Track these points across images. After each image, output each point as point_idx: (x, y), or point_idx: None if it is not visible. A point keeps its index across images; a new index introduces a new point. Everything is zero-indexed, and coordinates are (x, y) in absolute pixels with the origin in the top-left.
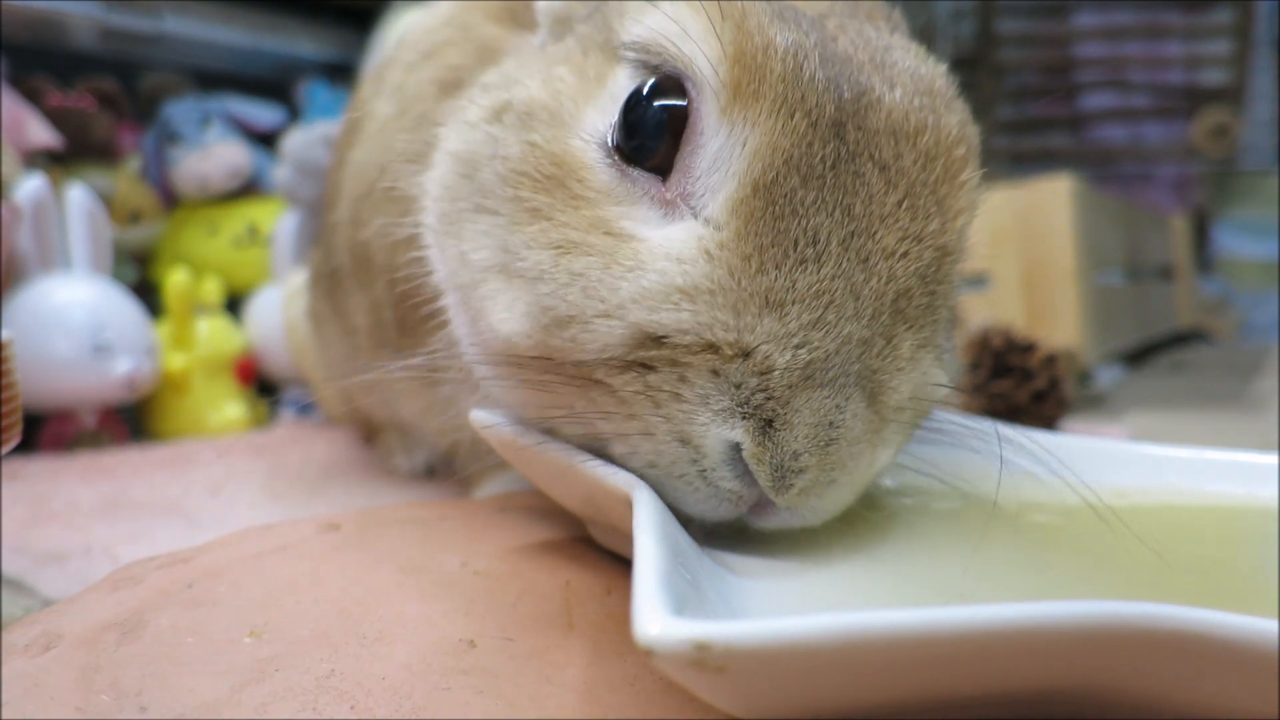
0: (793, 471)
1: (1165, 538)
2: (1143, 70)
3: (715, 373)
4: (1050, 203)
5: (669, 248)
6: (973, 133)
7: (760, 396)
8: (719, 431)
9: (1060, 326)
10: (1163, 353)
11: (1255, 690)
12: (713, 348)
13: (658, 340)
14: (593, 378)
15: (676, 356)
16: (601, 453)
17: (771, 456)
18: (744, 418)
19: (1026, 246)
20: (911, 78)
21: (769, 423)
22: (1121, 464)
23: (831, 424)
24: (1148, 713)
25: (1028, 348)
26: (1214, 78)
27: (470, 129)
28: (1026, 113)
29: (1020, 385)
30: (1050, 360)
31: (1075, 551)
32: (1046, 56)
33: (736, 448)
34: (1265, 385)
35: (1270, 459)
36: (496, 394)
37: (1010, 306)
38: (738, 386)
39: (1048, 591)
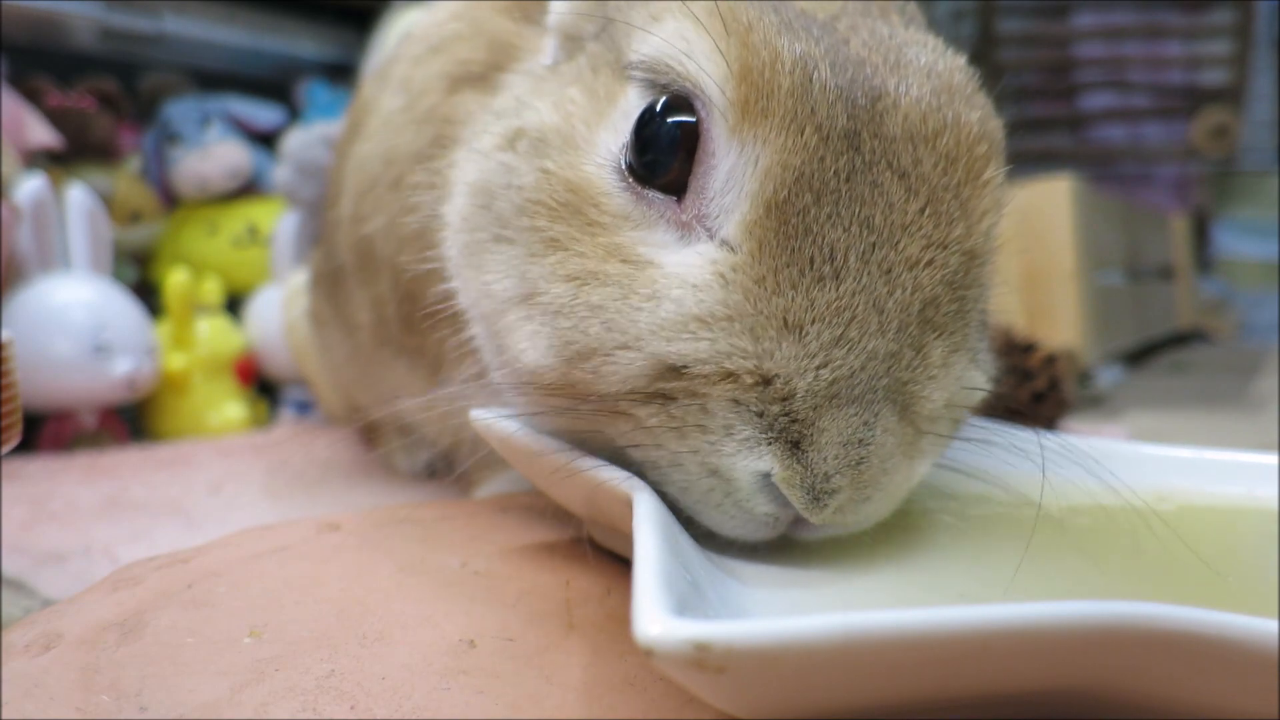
0: (826, 493)
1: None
2: (1143, 70)
3: (736, 401)
4: (1050, 203)
5: (684, 274)
6: (995, 127)
7: (784, 420)
8: (747, 463)
9: (1060, 326)
10: (1163, 353)
11: (1255, 690)
12: (731, 376)
13: (677, 371)
14: (617, 409)
15: (695, 387)
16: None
17: (802, 480)
18: (770, 443)
19: (1026, 246)
20: (928, 76)
21: (796, 444)
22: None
23: (861, 442)
24: (1148, 713)
25: (1028, 348)
26: (1214, 78)
27: (484, 158)
28: (1026, 113)
29: (1020, 385)
30: (1050, 360)
31: (1090, 556)
32: (1046, 56)
33: (767, 475)
34: (1265, 385)
35: (1270, 459)
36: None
37: (1010, 307)
38: (760, 415)
39: (1056, 597)
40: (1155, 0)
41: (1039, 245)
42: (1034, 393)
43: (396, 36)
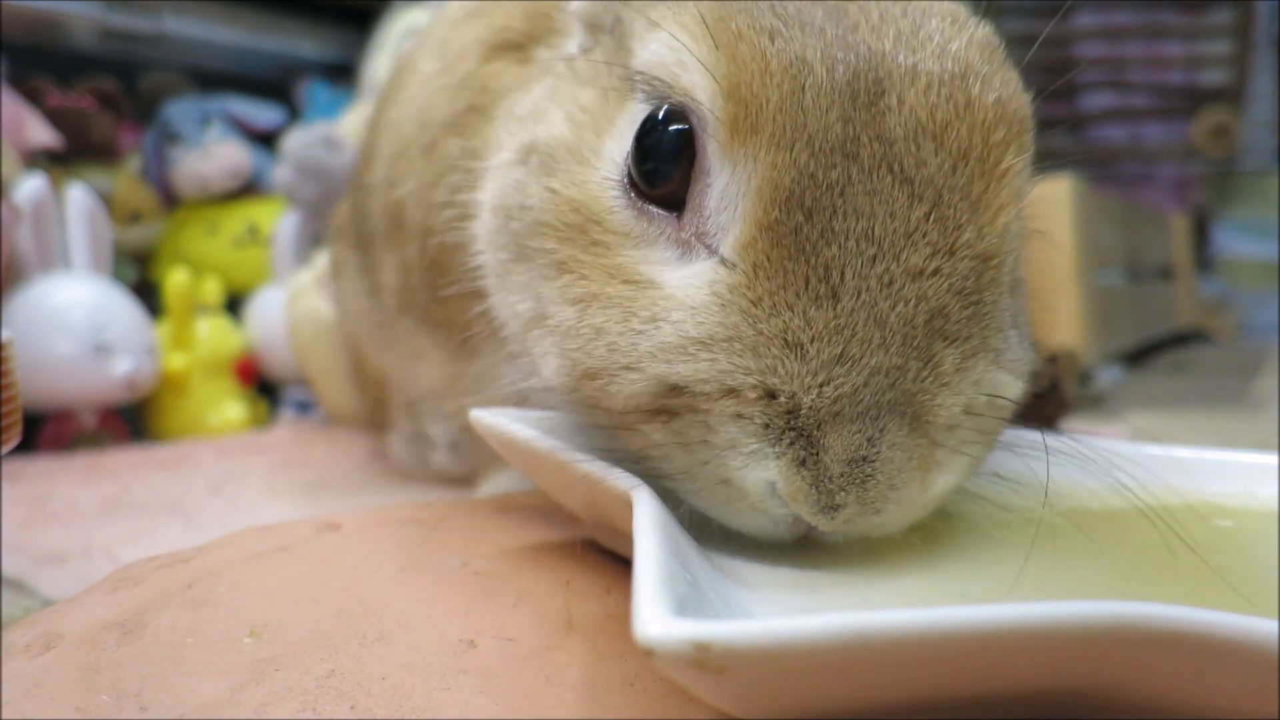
0: (831, 508)
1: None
2: (1143, 70)
3: (739, 415)
4: (1050, 203)
5: (683, 295)
6: (1016, 108)
7: (791, 434)
8: (755, 473)
9: (1060, 326)
10: (1163, 353)
11: (1255, 690)
12: (733, 393)
13: (678, 389)
14: (626, 424)
15: (697, 404)
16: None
17: (807, 496)
18: (777, 457)
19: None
20: (939, 58)
21: (802, 462)
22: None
23: (865, 459)
24: (1148, 713)
25: None
26: (1214, 78)
27: (503, 174)
28: None
29: None
30: (1050, 360)
31: (1092, 557)
32: (1046, 56)
33: (775, 484)
34: (1265, 385)
35: (1270, 459)
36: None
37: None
38: (766, 427)
39: (1058, 598)
40: (1155, 0)
41: (1039, 245)
42: (1034, 393)
43: (398, 36)
